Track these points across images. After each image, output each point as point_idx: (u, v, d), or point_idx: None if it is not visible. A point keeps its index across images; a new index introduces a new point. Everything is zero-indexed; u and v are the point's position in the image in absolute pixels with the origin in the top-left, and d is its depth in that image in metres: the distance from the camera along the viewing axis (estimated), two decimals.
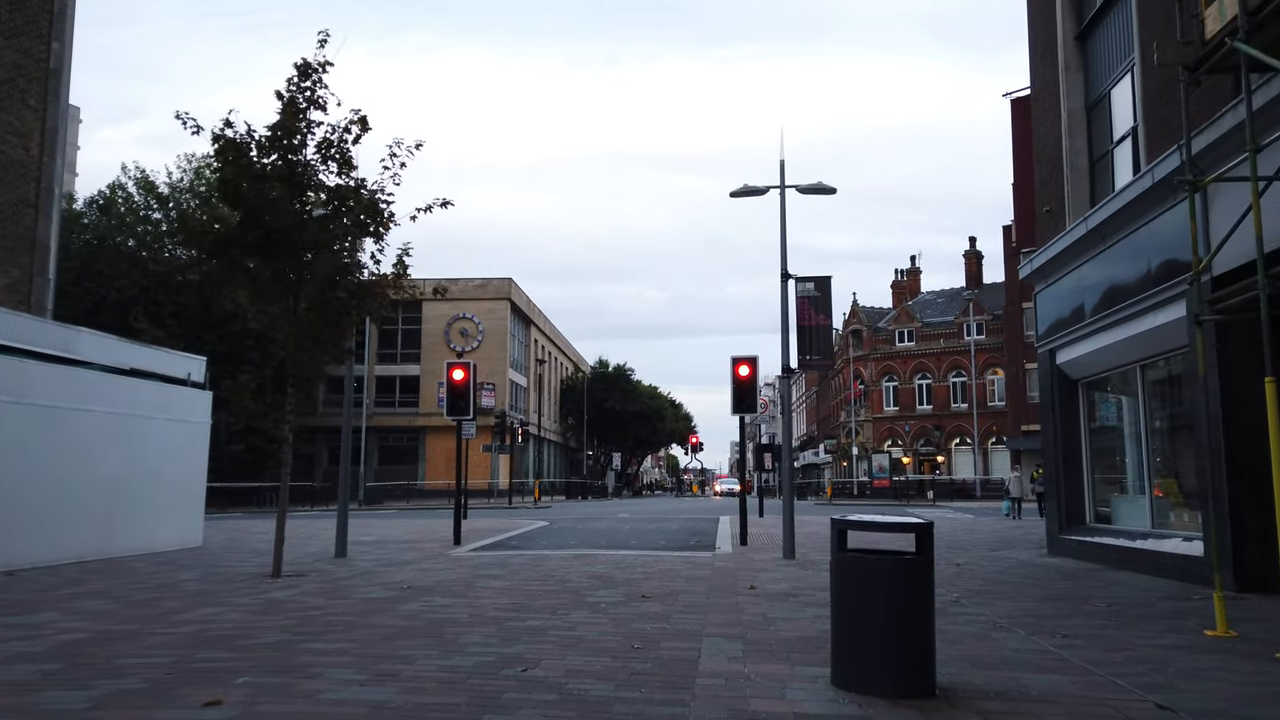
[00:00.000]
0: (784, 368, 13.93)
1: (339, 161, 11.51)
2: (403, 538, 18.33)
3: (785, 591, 9.38)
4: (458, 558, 13.47)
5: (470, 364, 16.39)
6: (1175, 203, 10.48)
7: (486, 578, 10.55)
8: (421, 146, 12.09)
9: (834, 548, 5.28)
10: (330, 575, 11.19)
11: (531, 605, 8.20)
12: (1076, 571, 11.82)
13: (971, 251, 59.81)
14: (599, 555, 13.71)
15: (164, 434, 15.08)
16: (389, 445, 51.65)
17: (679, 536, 18.51)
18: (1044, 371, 15.11)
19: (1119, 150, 13.20)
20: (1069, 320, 13.86)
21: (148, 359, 15.17)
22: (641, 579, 10.46)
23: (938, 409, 53.64)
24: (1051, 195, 14.87)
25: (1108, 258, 12.49)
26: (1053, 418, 14.71)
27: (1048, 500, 15.06)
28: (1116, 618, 7.90)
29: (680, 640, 6.54)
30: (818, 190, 14.37)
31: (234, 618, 7.53)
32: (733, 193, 14.51)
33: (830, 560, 5.34)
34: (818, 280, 14.21)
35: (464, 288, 52.01)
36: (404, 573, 11.27)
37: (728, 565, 12.23)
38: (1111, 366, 13.24)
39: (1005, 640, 6.80)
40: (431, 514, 31.02)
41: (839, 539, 5.26)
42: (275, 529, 11.22)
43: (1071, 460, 14.40)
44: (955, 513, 31.41)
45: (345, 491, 14.45)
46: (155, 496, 14.84)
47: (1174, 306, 10.79)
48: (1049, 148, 15.01)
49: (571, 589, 9.43)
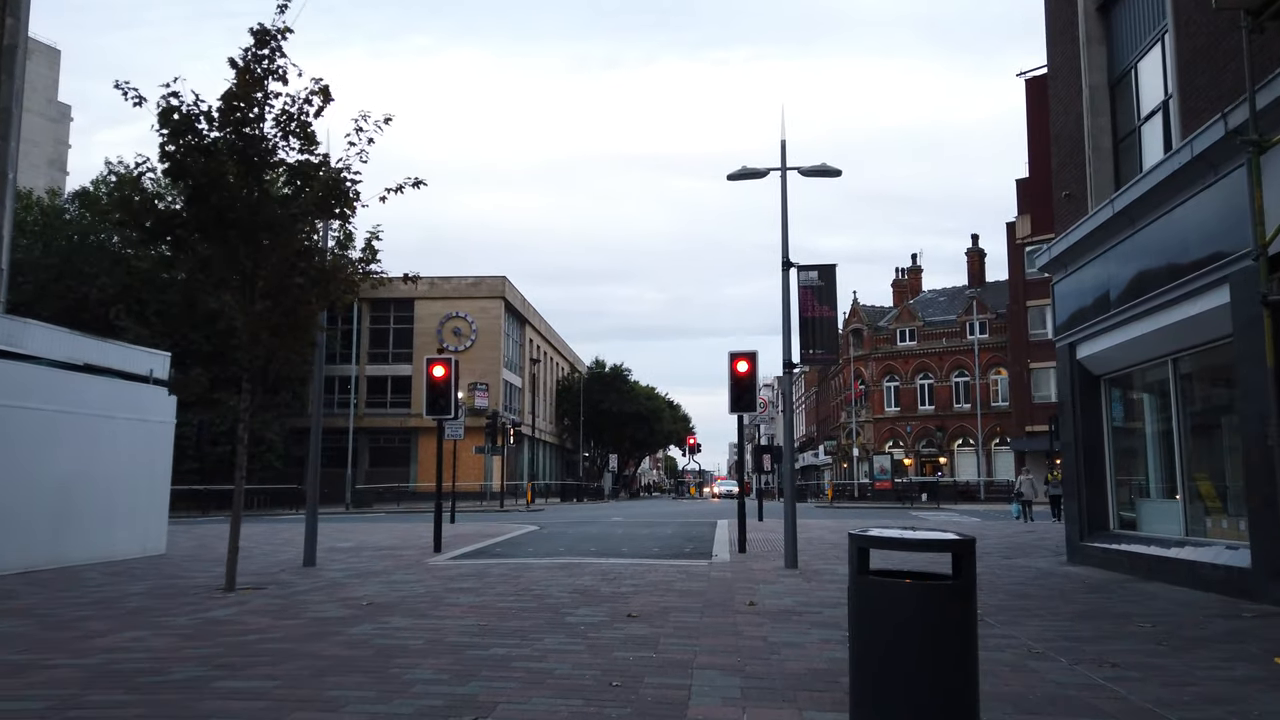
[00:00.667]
0: (785, 362, 12.95)
1: (299, 136, 10.54)
2: (382, 544, 17.34)
3: (788, 609, 8.40)
4: (434, 567, 12.48)
5: (452, 360, 15.40)
6: (1218, 177, 9.51)
7: (458, 592, 9.56)
8: (390, 121, 11.15)
9: (853, 569, 4.30)
10: (289, 588, 10.20)
11: (500, 628, 7.20)
12: (1104, 583, 10.84)
13: (974, 249, 58.81)
14: (586, 565, 12.72)
15: (122, 434, 14.08)
16: (380, 446, 50.63)
17: (674, 543, 17.53)
18: (1063, 367, 14.13)
19: (1147, 127, 12.23)
20: (1091, 312, 12.88)
21: (104, 354, 14.17)
22: (630, 593, 9.48)
23: (940, 409, 52.64)
24: (1071, 179, 13.90)
25: (1136, 243, 11.52)
26: (1073, 416, 13.74)
27: (1067, 505, 14.09)
28: (1167, 641, 6.92)
29: (667, 674, 5.56)
30: (821, 173, 13.40)
31: (155, 645, 6.54)
32: (730, 175, 13.53)
33: (848, 584, 4.36)
34: (821, 269, 13.24)
35: (457, 286, 51.00)
36: (370, 585, 10.28)
37: (725, 576, 11.25)
38: (1139, 361, 12.27)
39: (1046, 671, 5.82)
40: (420, 518, 29.98)
41: (859, 559, 4.28)
42: (229, 538, 10.22)
43: (1093, 462, 13.42)
44: (961, 516, 30.43)
45: (314, 496, 13.46)
46: (112, 501, 13.84)
47: (1214, 293, 9.82)
48: (1068, 128, 14.04)
49: (550, 606, 8.44)
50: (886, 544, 4.28)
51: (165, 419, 15.34)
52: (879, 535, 4.32)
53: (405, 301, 50.84)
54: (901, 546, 4.27)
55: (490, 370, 50.06)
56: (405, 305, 50.79)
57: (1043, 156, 15.39)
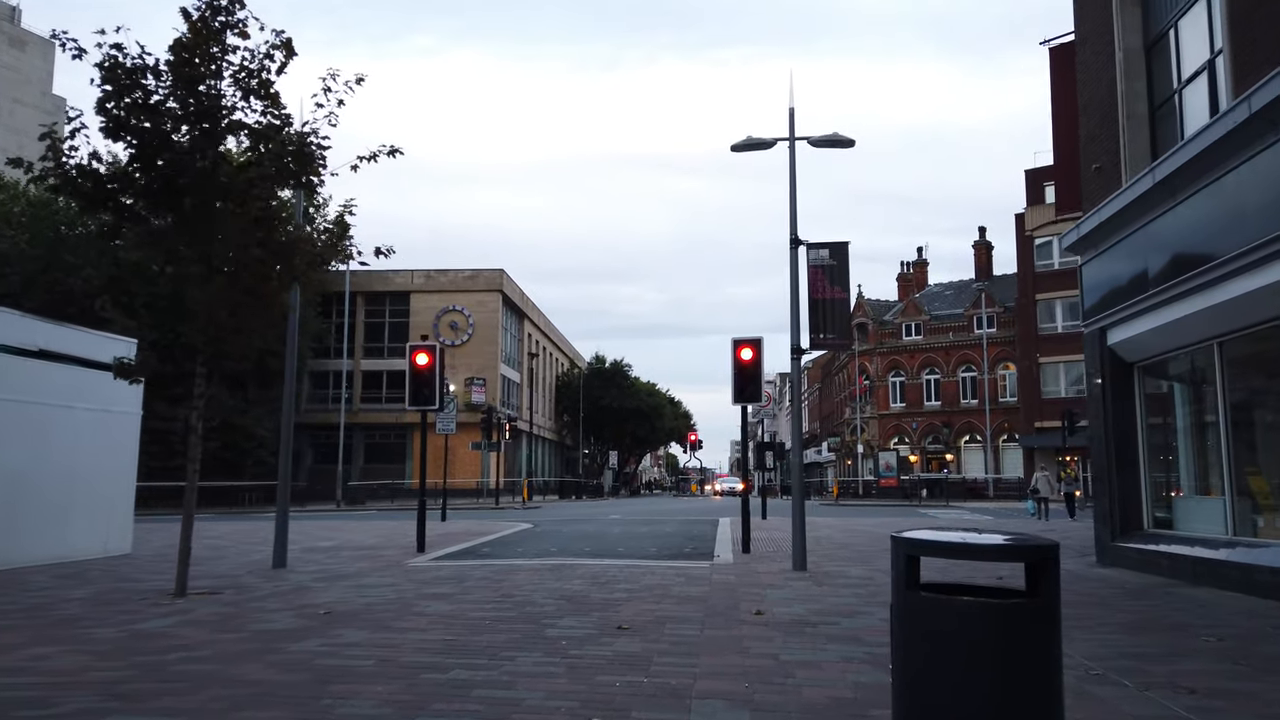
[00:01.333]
0: (794, 347, 11.95)
1: (260, 95, 9.55)
2: (364, 543, 16.38)
3: (800, 619, 7.42)
4: (412, 570, 11.51)
5: (435, 346, 14.42)
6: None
7: (431, 598, 8.58)
8: (362, 81, 10.16)
9: (898, 582, 3.32)
10: (248, 593, 9.24)
11: (468, 643, 6.22)
12: (1145, 588, 9.86)
13: (981, 242, 57.65)
14: (578, 566, 11.74)
15: (82, 426, 13.11)
16: (375, 442, 49.67)
17: (673, 542, 16.55)
18: (1092, 354, 13.13)
19: (1189, 90, 11.22)
20: (1125, 293, 11.88)
21: (63, 339, 13.19)
22: (622, 599, 8.50)
23: (946, 405, 51.53)
24: (1102, 151, 12.90)
25: (1179, 215, 10.51)
26: (1103, 407, 12.73)
27: (1097, 502, 13.10)
28: (1244, 659, 5.93)
29: (660, 707, 4.58)
30: (833, 143, 12.40)
31: (59, 665, 5.57)
32: (735, 145, 12.53)
33: (893, 600, 3.37)
34: (833, 247, 12.24)
35: (454, 279, 49.99)
36: (335, 590, 9.30)
37: (728, 579, 10.26)
38: (1179, 345, 11.27)
39: (1114, 700, 4.85)
40: (412, 515, 28.95)
41: (907, 569, 3.29)
42: (180, 540, 9.26)
43: (1126, 456, 12.42)
44: (973, 514, 29.42)
45: (285, 493, 12.49)
46: (70, 498, 12.87)
47: (1271, 268, 8.82)
48: (1099, 97, 13.03)
49: (530, 616, 7.46)
50: (943, 550, 3.30)
51: (130, 410, 14.35)
52: (932, 540, 3.33)
53: (401, 295, 49.88)
54: (965, 554, 3.29)
55: (488, 365, 49.08)
56: (401, 299, 49.81)
57: (1069, 130, 14.37)
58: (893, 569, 3.37)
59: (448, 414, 26.73)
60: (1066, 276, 45.20)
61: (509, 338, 53.65)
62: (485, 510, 33.99)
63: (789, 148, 12.22)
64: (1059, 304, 45.56)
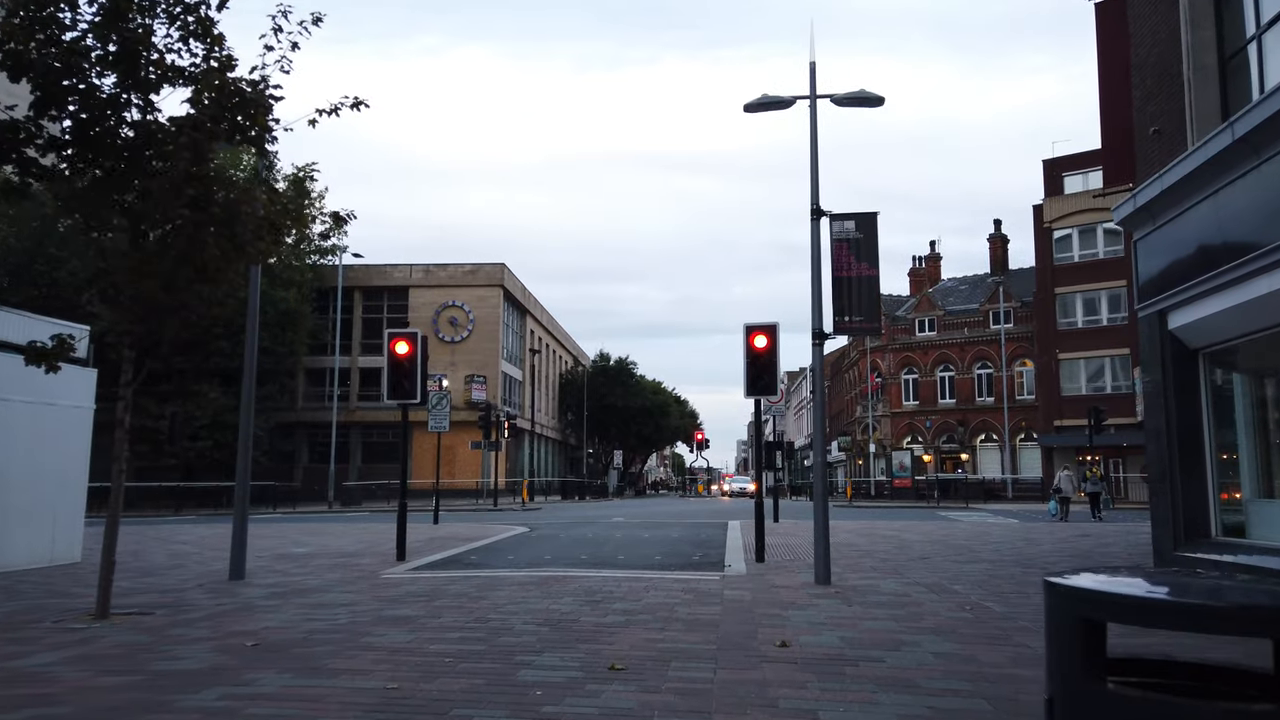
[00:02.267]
0: (816, 331, 10.54)
1: (200, 37, 8.20)
2: (343, 549, 15.06)
3: (835, 653, 6.03)
4: (383, 583, 10.14)
5: (417, 334, 13.07)
6: None
7: (388, 624, 7.20)
8: (320, 21, 8.85)
9: (1065, 663, 1.93)
10: (181, 614, 7.91)
11: (413, 696, 4.82)
12: None
13: (996, 235, 56.01)
14: (571, 579, 10.35)
15: (20, 421, 11.79)
16: (373, 442, 48.37)
17: (680, 548, 15.15)
18: (1150, 340, 11.69)
19: (1270, 36, 9.80)
20: (1191, 270, 10.45)
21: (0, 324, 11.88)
22: (618, 625, 7.11)
23: (962, 403, 49.95)
24: (1160, 112, 11.48)
25: (1264, 176, 9.07)
26: (1163, 399, 11.31)
27: (1154, 505, 11.68)
28: None
29: None
30: (860, 100, 11.00)
31: None
32: (748, 105, 11.11)
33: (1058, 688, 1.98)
34: (859, 218, 10.84)
35: (454, 274, 48.63)
36: (285, 611, 7.95)
37: (742, 597, 8.87)
38: (1258, 328, 9.84)
39: None
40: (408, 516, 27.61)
41: (1085, 641, 1.90)
42: (102, 553, 7.92)
43: (1190, 454, 11.00)
44: (995, 516, 27.95)
45: (244, 496, 11.14)
46: (5, 502, 11.55)
47: None
48: (1156, 52, 11.61)
49: (502, 650, 6.07)
50: (1156, 615, 1.92)
51: (81, 403, 13.03)
52: (1128, 595, 1.92)
53: (400, 290, 48.59)
54: (1191, 625, 1.90)
55: (488, 362, 47.73)
56: (399, 294, 48.52)
57: (1119, 94, 12.96)
58: (1051, 638, 1.99)
59: (440, 410, 25.36)
60: (1087, 269, 43.64)
61: (510, 334, 52.28)
62: (483, 512, 32.64)
63: (810, 106, 10.83)
64: (1079, 298, 43.95)
